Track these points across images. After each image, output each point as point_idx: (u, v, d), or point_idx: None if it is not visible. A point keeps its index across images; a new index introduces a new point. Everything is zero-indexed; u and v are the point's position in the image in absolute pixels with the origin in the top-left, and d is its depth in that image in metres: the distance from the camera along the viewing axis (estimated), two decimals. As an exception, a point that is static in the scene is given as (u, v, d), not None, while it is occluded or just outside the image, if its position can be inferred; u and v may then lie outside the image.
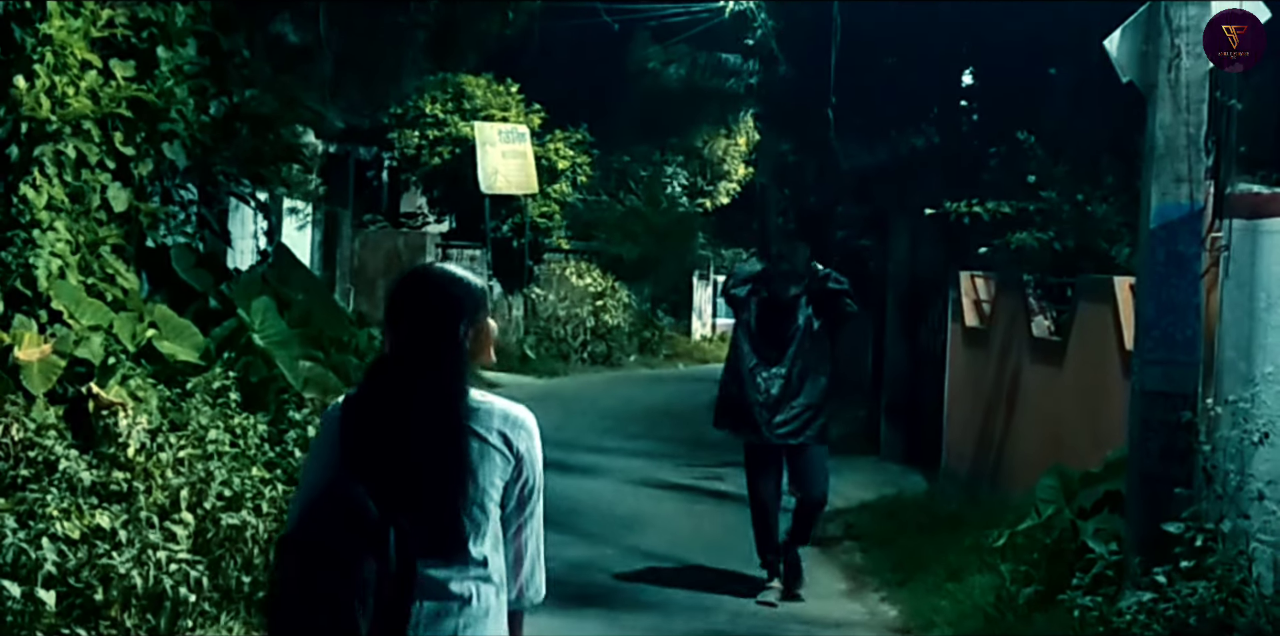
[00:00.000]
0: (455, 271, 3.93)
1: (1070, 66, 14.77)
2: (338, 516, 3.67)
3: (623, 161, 33.22)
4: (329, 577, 3.61)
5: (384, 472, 3.73)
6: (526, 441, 3.89)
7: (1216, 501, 7.27)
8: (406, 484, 3.73)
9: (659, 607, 9.47)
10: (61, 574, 7.02)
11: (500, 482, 3.83)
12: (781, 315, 9.73)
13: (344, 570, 3.60)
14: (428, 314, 3.82)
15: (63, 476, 7.55)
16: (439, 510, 3.75)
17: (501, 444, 3.84)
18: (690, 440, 18.44)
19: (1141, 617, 6.96)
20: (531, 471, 3.90)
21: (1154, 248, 7.81)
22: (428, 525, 3.72)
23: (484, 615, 3.82)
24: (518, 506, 3.90)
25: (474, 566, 3.81)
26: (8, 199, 8.11)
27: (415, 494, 3.72)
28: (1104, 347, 9.93)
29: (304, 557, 3.67)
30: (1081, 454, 9.55)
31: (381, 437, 3.78)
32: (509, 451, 3.85)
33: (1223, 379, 7.58)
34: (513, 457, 3.86)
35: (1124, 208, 11.20)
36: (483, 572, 3.82)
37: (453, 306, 3.82)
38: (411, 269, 4.16)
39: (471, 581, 3.80)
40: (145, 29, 8.92)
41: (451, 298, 3.83)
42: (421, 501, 3.72)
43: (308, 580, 3.63)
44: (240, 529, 7.72)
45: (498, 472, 3.83)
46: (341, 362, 11.17)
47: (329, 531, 3.66)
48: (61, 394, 8.10)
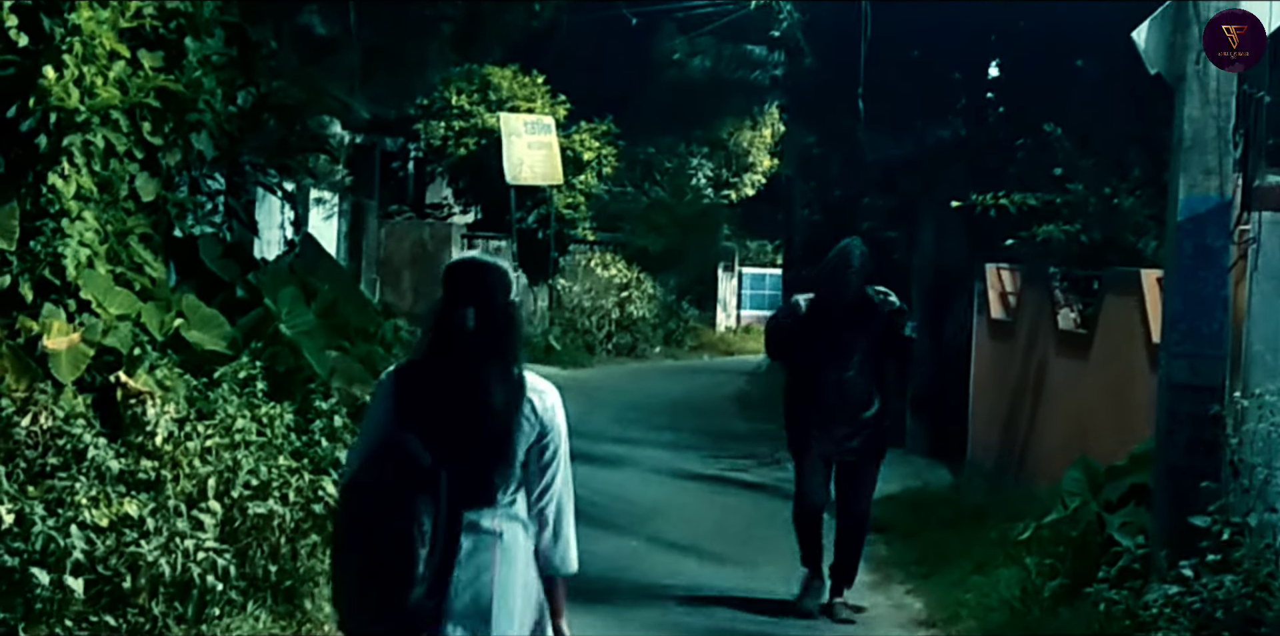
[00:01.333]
0: (499, 260, 4.74)
1: (1097, 58, 14.71)
2: (396, 463, 4.34)
3: (648, 153, 33.25)
4: (390, 515, 4.27)
5: (437, 427, 4.41)
6: (550, 411, 4.55)
7: (1243, 495, 7.26)
8: (458, 437, 4.41)
9: (683, 600, 9.48)
10: (90, 562, 7.06)
11: (525, 444, 4.49)
12: (843, 320, 9.21)
13: (403, 509, 4.27)
14: (488, 288, 4.57)
15: (91, 465, 7.58)
16: (482, 461, 4.43)
17: (529, 411, 4.51)
18: (715, 431, 18.50)
19: (1168, 611, 6.94)
20: (552, 437, 4.55)
21: (1181, 240, 7.78)
22: (470, 473, 4.39)
23: (514, 547, 4.49)
24: (539, 470, 4.54)
25: (502, 507, 4.48)
26: (37, 189, 8.13)
27: (465, 446, 4.40)
28: (1130, 340, 9.90)
29: (367, 499, 4.35)
30: (1107, 447, 9.53)
31: (439, 397, 4.45)
32: (534, 418, 4.52)
33: (1250, 372, 7.56)
34: (537, 424, 4.52)
35: (1151, 200, 11.17)
36: (509, 512, 4.50)
37: (505, 287, 4.59)
38: (462, 257, 4.91)
39: (501, 519, 4.48)
40: (173, 19, 8.93)
41: (504, 279, 4.60)
42: (467, 454, 4.39)
43: (371, 519, 4.31)
44: (267, 517, 7.75)
45: (523, 436, 4.49)
46: (367, 352, 11.18)
47: (388, 476, 4.33)
48: (90, 383, 8.13)
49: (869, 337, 9.21)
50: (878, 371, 9.32)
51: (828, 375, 9.17)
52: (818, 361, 9.20)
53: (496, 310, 4.55)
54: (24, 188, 8.15)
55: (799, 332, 9.31)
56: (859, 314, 9.19)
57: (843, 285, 9.20)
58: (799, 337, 9.31)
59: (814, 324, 9.25)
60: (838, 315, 9.18)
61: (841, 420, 9.20)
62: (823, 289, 9.33)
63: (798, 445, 9.47)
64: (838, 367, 9.16)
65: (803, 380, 9.39)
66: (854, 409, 9.20)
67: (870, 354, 9.23)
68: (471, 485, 4.40)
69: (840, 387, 9.17)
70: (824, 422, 9.22)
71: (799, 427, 9.40)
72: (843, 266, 9.23)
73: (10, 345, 7.91)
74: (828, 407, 9.19)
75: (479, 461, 4.43)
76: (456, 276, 4.69)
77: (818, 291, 9.36)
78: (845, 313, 9.17)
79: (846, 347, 9.16)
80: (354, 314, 11.74)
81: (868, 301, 9.22)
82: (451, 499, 4.33)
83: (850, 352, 9.17)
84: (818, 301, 9.32)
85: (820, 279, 9.38)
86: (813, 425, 9.26)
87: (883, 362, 9.38)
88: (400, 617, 4.31)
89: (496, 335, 4.53)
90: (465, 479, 4.38)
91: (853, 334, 9.18)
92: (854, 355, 9.17)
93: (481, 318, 4.51)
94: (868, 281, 9.29)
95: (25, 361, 7.88)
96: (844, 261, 9.23)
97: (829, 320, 9.19)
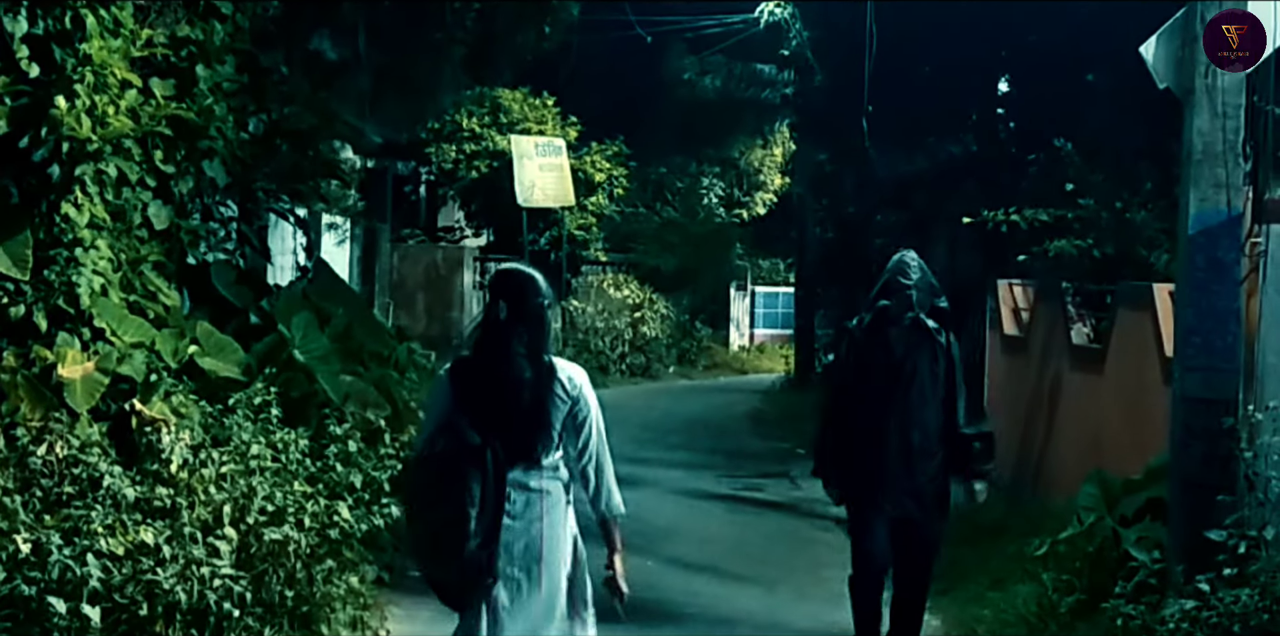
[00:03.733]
0: (533, 268, 5.80)
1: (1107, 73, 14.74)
2: (450, 441, 5.42)
3: (659, 173, 33.30)
4: (446, 484, 5.34)
5: (485, 407, 5.45)
6: (579, 388, 5.57)
7: (1259, 508, 7.24)
8: (501, 415, 5.44)
9: (697, 621, 9.45)
10: (106, 590, 7.07)
11: (561, 416, 5.52)
12: (903, 345, 7.89)
13: (457, 478, 5.32)
14: (525, 292, 5.57)
15: (107, 493, 7.59)
16: (524, 432, 5.47)
17: (561, 390, 5.53)
18: (730, 451, 18.49)
19: (1184, 626, 6.92)
20: (582, 407, 5.57)
21: (1193, 254, 7.78)
22: (515, 443, 5.43)
23: (557, 503, 5.56)
24: (574, 433, 5.57)
25: (546, 470, 5.54)
26: (50, 218, 8.16)
27: (507, 422, 5.44)
28: (1144, 354, 9.89)
29: (429, 472, 5.46)
30: (1123, 461, 9.51)
31: (485, 383, 5.48)
32: (566, 394, 5.54)
33: (1264, 385, 7.55)
34: (569, 398, 5.54)
35: (1163, 214, 11.17)
36: (552, 474, 5.56)
37: (539, 288, 5.60)
38: (502, 266, 6.03)
39: (545, 480, 5.54)
40: (184, 48, 8.97)
41: (537, 283, 5.61)
42: (511, 427, 5.43)
43: (432, 487, 5.41)
44: (283, 543, 7.75)
45: (559, 410, 5.53)
46: (381, 377, 11.20)
47: (445, 452, 5.41)
48: (105, 411, 8.15)
49: (932, 367, 7.89)
50: (943, 407, 7.94)
51: (888, 412, 7.84)
52: (875, 396, 7.88)
53: (528, 308, 5.55)
54: (37, 217, 8.18)
55: (851, 363, 8.05)
56: (919, 339, 7.91)
57: (901, 303, 7.91)
58: (851, 368, 8.04)
59: (869, 351, 7.96)
60: (896, 340, 7.88)
61: (905, 468, 7.86)
62: (878, 310, 8.01)
63: (855, 497, 8.10)
64: (899, 403, 7.85)
65: (857, 418, 7.95)
66: (919, 454, 7.89)
67: (935, 386, 7.89)
68: (516, 451, 5.44)
69: (903, 428, 7.85)
70: (886, 471, 7.86)
71: (856, 476, 7.98)
72: (898, 282, 7.97)
73: (25, 374, 7.94)
74: (890, 453, 7.84)
75: (521, 431, 5.46)
76: (496, 281, 5.78)
77: (873, 313, 8.04)
78: (905, 337, 7.89)
79: (909, 379, 7.85)
80: (368, 338, 11.77)
81: (925, 328, 7.92)
82: (498, 467, 5.38)
83: (913, 384, 7.85)
84: (873, 325, 8.00)
85: (874, 298, 8.07)
86: (873, 474, 7.88)
87: (948, 398, 7.96)
88: (460, 565, 5.35)
89: (528, 328, 5.52)
90: (510, 447, 5.43)
91: (916, 361, 7.86)
92: (918, 388, 7.86)
93: (514, 313, 5.53)
94: (933, 297, 8.05)
95: (40, 390, 7.91)
96: (901, 275, 7.98)
97: (887, 346, 7.89)
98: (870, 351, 7.94)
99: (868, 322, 8.01)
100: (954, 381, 7.91)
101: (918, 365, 7.83)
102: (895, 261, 8.07)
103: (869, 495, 7.94)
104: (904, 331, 7.88)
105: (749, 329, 40.15)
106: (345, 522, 8.20)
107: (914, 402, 7.82)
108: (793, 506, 14.26)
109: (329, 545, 8.02)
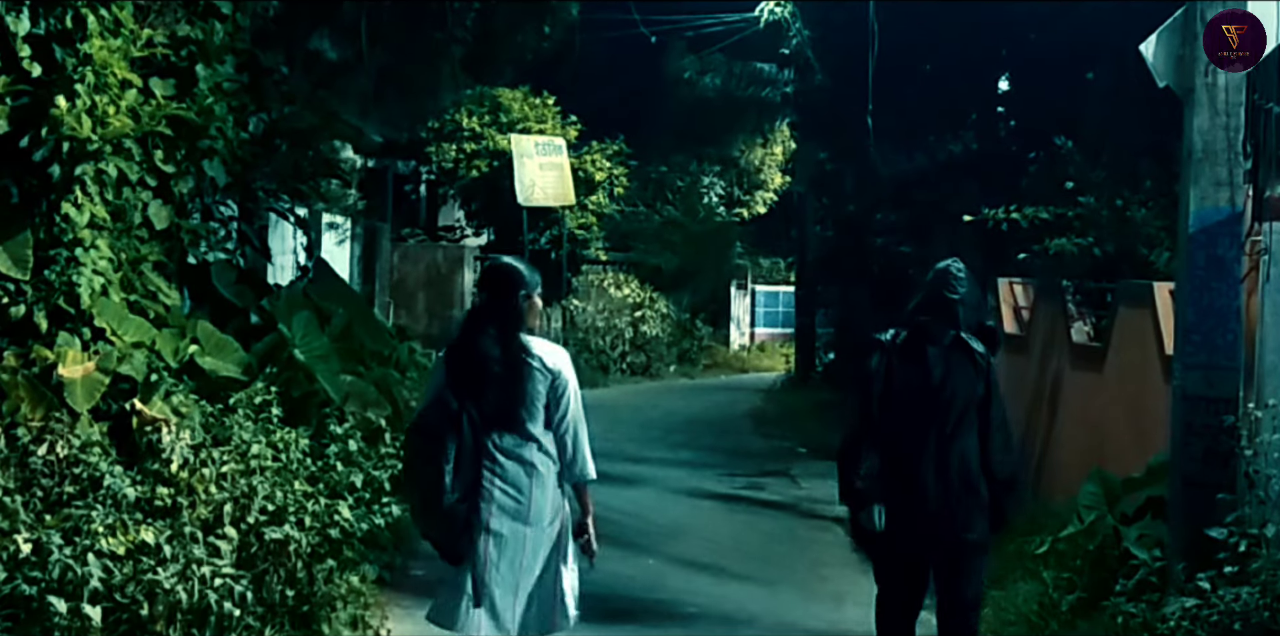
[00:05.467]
0: (517, 262, 6.52)
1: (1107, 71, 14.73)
2: (435, 410, 6.18)
3: (660, 172, 33.28)
4: (428, 446, 6.12)
5: (467, 381, 6.20)
6: (559, 365, 6.29)
7: (1259, 506, 7.24)
8: (478, 386, 6.18)
9: (699, 620, 9.44)
10: (107, 589, 7.07)
11: (543, 390, 6.25)
12: (944, 366, 6.96)
13: (436, 440, 6.10)
14: (500, 286, 6.34)
15: (107, 493, 7.60)
16: (500, 402, 6.18)
17: (542, 366, 6.25)
18: (731, 450, 18.49)
19: (1185, 624, 6.93)
20: (561, 382, 6.27)
21: (1193, 252, 7.78)
22: (495, 412, 6.18)
23: (546, 473, 6.27)
24: (555, 405, 6.27)
25: (534, 441, 6.25)
26: (50, 218, 8.17)
27: (482, 392, 6.17)
28: (1144, 352, 9.89)
29: (417, 437, 6.24)
30: (1123, 459, 9.51)
31: (468, 361, 6.24)
32: (547, 370, 6.26)
33: (1264, 383, 7.55)
34: (549, 374, 6.26)
35: (1163, 212, 11.16)
36: (540, 445, 6.26)
37: (518, 281, 6.33)
38: (495, 260, 6.70)
39: (534, 451, 6.25)
40: (184, 47, 8.97)
41: (514, 277, 6.35)
42: (486, 395, 6.16)
43: (419, 449, 6.20)
44: (283, 543, 7.75)
45: (540, 383, 6.25)
46: (382, 376, 11.21)
47: (430, 420, 6.18)
48: (105, 411, 8.16)
49: (973, 392, 6.99)
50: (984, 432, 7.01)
51: (924, 442, 6.90)
52: (909, 423, 6.94)
53: (502, 296, 6.32)
54: (37, 217, 8.18)
55: (884, 384, 7.02)
56: (961, 361, 6.99)
57: (945, 320, 6.99)
58: (883, 390, 7.02)
59: (904, 372, 7.00)
60: (935, 361, 6.96)
61: (947, 501, 6.88)
62: (916, 326, 7.08)
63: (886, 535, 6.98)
64: (937, 432, 6.91)
65: (889, 447, 6.97)
66: (962, 485, 6.90)
67: (978, 410, 7.00)
68: (495, 418, 6.19)
69: (942, 459, 6.90)
70: (925, 506, 6.89)
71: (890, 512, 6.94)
72: (943, 296, 7.02)
73: (25, 374, 7.94)
74: (931, 486, 6.88)
75: (497, 401, 6.19)
76: (480, 274, 6.98)
77: (910, 329, 7.09)
78: (944, 357, 6.97)
79: (946, 405, 6.94)
80: (368, 338, 11.78)
81: (968, 348, 7.02)
82: (474, 431, 6.13)
83: (951, 411, 6.94)
84: (910, 343, 7.05)
85: (913, 312, 7.13)
86: (909, 510, 6.90)
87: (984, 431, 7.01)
88: (440, 516, 6.09)
89: (501, 313, 6.29)
90: (487, 415, 6.17)
91: (955, 386, 6.95)
92: (957, 415, 6.94)
93: (489, 301, 6.35)
94: (979, 314, 7.29)
95: (41, 390, 7.91)
96: (946, 288, 7.03)
97: (924, 368, 6.96)
98: (905, 372, 6.99)
99: (904, 340, 7.05)
100: (989, 412, 7.02)
101: (957, 390, 6.92)
102: (939, 272, 7.11)
103: (903, 533, 6.91)
104: (944, 351, 6.96)
105: (749, 328, 40.16)
106: (346, 522, 8.20)
107: (953, 431, 6.90)
108: (793, 505, 14.27)
109: (329, 544, 8.02)
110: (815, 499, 14.46)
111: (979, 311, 7.29)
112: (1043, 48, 15.98)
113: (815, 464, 17.03)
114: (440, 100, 19.09)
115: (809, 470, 16.49)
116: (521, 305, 6.30)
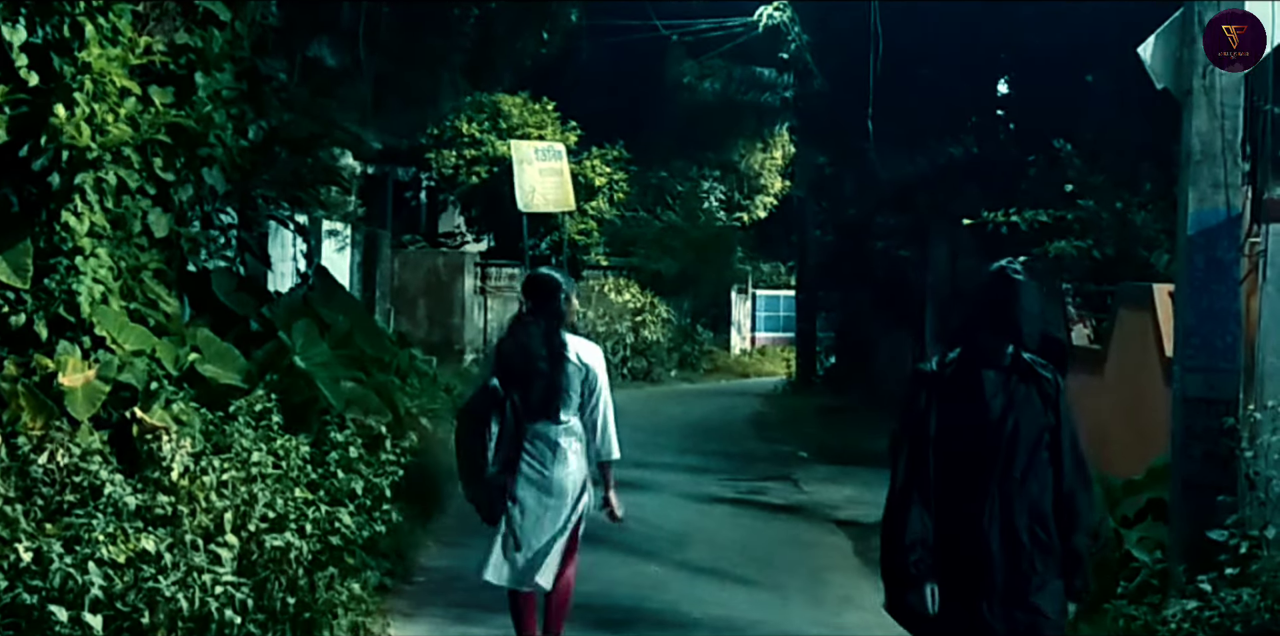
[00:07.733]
0: (554, 271, 7.86)
1: (1107, 74, 14.73)
2: (482, 395, 7.34)
3: (659, 177, 33.30)
4: (475, 425, 7.32)
5: (514, 373, 7.32)
6: (591, 359, 7.50)
7: (1260, 507, 7.25)
8: (523, 377, 7.33)
9: (703, 626, 9.42)
10: (108, 598, 7.05)
11: (576, 382, 7.46)
12: (1008, 395, 5.67)
13: (482, 420, 7.28)
14: (542, 292, 7.51)
15: (108, 501, 7.58)
16: (543, 392, 7.37)
17: (578, 361, 7.45)
18: (734, 454, 18.48)
19: (1186, 626, 6.93)
20: (594, 375, 7.49)
21: (1193, 254, 7.79)
22: (536, 401, 7.36)
23: (569, 451, 7.49)
24: (587, 394, 7.50)
25: (564, 425, 7.48)
26: (50, 226, 8.16)
27: (527, 382, 7.33)
28: (1144, 355, 9.89)
29: (466, 417, 7.45)
30: (1124, 462, 9.51)
31: (515, 355, 7.36)
32: (580, 363, 7.45)
33: (1264, 384, 7.55)
34: (583, 367, 7.46)
35: (1162, 214, 11.18)
36: (569, 428, 7.50)
37: (558, 288, 7.52)
38: (536, 271, 7.86)
39: (563, 434, 7.49)
40: (183, 55, 8.97)
41: (555, 283, 7.55)
42: (530, 386, 7.32)
43: (468, 428, 7.38)
44: (284, 550, 7.74)
45: (575, 377, 7.45)
46: (383, 383, 11.21)
47: (478, 403, 7.36)
48: (106, 419, 8.15)
49: (1040, 420, 5.70)
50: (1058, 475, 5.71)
51: (987, 492, 5.63)
52: (969, 470, 5.65)
53: (548, 301, 7.46)
54: (37, 226, 8.17)
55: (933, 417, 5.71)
56: (1025, 386, 5.70)
57: (1005, 337, 5.70)
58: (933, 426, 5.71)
59: (959, 408, 5.71)
60: (994, 390, 5.69)
61: (1017, 570, 5.61)
62: (969, 348, 5.79)
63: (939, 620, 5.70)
64: (1002, 477, 5.62)
65: (943, 504, 5.67)
66: (1035, 547, 5.62)
67: (1050, 448, 5.72)
68: (536, 406, 7.36)
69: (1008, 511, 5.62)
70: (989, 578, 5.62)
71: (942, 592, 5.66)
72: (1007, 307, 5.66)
73: (26, 383, 7.94)
74: (996, 553, 5.61)
75: (538, 390, 7.35)
76: (523, 283, 7.88)
77: (961, 353, 5.80)
78: (1004, 384, 5.69)
79: (1010, 444, 5.63)
80: (368, 344, 11.78)
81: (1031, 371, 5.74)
82: (516, 415, 7.28)
83: (1017, 452, 5.64)
84: (963, 369, 5.76)
85: (965, 330, 5.89)
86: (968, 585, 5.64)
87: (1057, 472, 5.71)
88: (482, 484, 7.33)
89: (546, 315, 7.45)
90: (532, 403, 7.34)
91: (1019, 418, 5.66)
92: (1024, 456, 5.65)
93: (533, 306, 7.49)
94: (1044, 326, 6.13)
95: (41, 399, 7.91)
96: (1008, 298, 5.66)
97: (981, 399, 5.68)
98: (957, 409, 5.69)
99: (955, 366, 5.76)
100: (1061, 448, 5.72)
101: (1021, 424, 5.63)
102: (996, 276, 5.72)
103: (962, 616, 5.65)
104: (1003, 377, 5.68)
105: (750, 332, 40.16)
106: (346, 529, 8.19)
107: (1022, 477, 5.62)
108: (796, 509, 14.27)
109: (330, 551, 8.01)
110: (817, 503, 14.46)
111: (1042, 322, 5.95)
112: (1042, 51, 15.98)
113: (817, 468, 17.06)
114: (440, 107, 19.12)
115: (811, 474, 16.50)
116: (563, 307, 7.51)
